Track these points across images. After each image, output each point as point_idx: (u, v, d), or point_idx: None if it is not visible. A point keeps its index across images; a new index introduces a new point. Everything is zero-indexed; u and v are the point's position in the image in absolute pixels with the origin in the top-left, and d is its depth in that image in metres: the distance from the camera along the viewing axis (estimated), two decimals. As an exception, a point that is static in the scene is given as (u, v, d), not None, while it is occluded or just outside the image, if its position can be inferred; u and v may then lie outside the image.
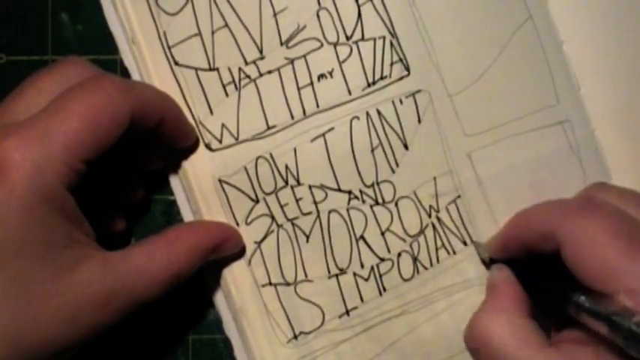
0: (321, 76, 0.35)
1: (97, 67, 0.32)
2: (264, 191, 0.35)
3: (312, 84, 0.35)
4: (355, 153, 0.35)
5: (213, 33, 0.34)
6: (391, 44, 0.35)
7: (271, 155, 0.35)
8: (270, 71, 0.34)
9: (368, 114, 0.35)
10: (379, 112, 0.35)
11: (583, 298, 0.28)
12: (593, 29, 0.36)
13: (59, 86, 0.29)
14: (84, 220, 0.28)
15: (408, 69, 0.35)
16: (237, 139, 0.35)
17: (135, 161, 0.34)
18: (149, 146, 0.33)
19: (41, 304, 0.26)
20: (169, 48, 0.34)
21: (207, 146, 0.35)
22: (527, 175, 0.36)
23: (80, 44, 0.37)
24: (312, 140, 0.35)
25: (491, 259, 0.35)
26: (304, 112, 0.35)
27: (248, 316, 0.35)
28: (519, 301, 0.31)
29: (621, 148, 0.36)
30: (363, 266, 0.35)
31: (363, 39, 0.35)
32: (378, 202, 0.35)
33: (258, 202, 0.35)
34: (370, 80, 0.35)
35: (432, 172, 0.35)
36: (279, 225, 0.35)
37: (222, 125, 0.35)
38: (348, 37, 0.35)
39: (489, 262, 0.35)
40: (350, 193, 0.35)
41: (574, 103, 0.36)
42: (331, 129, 0.35)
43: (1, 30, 0.37)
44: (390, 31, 0.35)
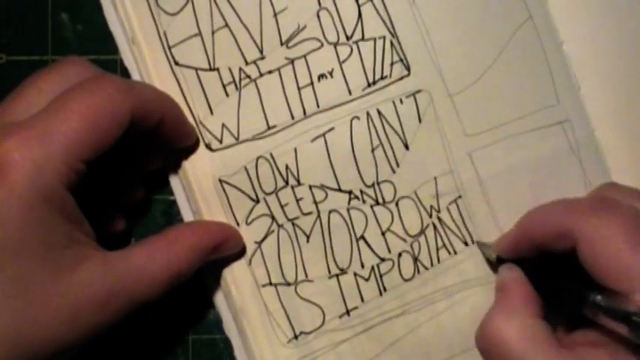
0: (322, 76, 0.35)
1: (97, 67, 0.32)
2: (264, 191, 0.35)
3: (312, 84, 0.35)
4: (355, 153, 0.35)
5: (213, 33, 0.34)
6: (391, 44, 0.35)
7: (271, 155, 0.35)
8: (271, 71, 0.34)
9: (368, 114, 0.35)
10: (379, 112, 0.35)
11: (600, 297, 0.28)
12: (593, 29, 0.36)
13: (59, 86, 0.29)
14: (84, 220, 0.28)
15: (408, 69, 0.35)
16: (238, 139, 0.35)
17: (135, 161, 0.34)
18: (149, 146, 0.33)
19: (41, 304, 0.26)
20: (169, 48, 0.34)
21: (208, 146, 0.35)
22: (528, 175, 0.36)
23: (80, 44, 0.37)
24: (313, 140, 0.35)
25: (499, 258, 0.34)
26: (304, 112, 0.35)
27: (248, 316, 0.35)
28: (531, 302, 0.31)
29: (621, 148, 0.36)
30: (363, 266, 0.35)
31: (363, 39, 0.35)
32: (378, 202, 0.35)
33: (258, 202, 0.35)
34: (370, 80, 0.35)
35: (433, 172, 0.35)
36: (279, 225, 0.35)
37: (223, 125, 0.35)
38: (348, 37, 0.35)
39: (497, 262, 0.34)
40: (350, 193, 0.35)
41: (574, 103, 0.36)
42: (331, 129, 0.35)
43: (1, 30, 0.37)
44: (391, 31, 0.35)
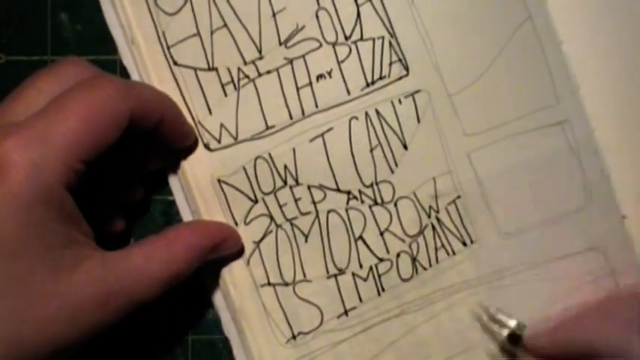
0: (320, 76, 0.35)
1: (97, 68, 0.32)
2: (262, 191, 0.35)
3: (310, 84, 0.35)
4: (354, 153, 0.35)
5: (212, 33, 0.34)
6: (390, 44, 0.35)
7: (270, 155, 0.35)
8: (269, 71, 0.34)
9: (367, 114, 0.35)
10: (378, 112, 0.35)
11: None
12: (592, 29, 0.35)
13: (58, 86, 0.29)
14: (83, 220, 0.28)
15: (407, 69, 0.35)
16: (236, 139, 0.35)
17: (134, 161, 0.34)
18: (148, 146, 0.33)
19: (41, 304, 0.26)
20: (168, 48, 0.34)
21: (206, 146, 0.35)
22: (527, 175, 0.35)
23: (79, 44, 0.37)
24: (311, 140, 0.35)
25: (513, 339, 0.34)
26: (303, 112, 0.35)
27: (247, 317, 0.35)
28: None
29: (621, 148, 0.36)
30: (361, 266, 0.35)
31: (362, 39, 0.35)
32: (377, 202, 0.35)
33: (256, 202, 0.35)
34: (369, 80, 0.35)
35: (432, 173, 0.35)
36: (277, 225, 0.35)
37: (221, 125, 0.35)
38: (347, 37, 0.35)
39: (508, 342, 0.34)
40: (349, 193, 0.35)
41: (573, 103, 0.35)
42: (330, 129, 0.35)
43: (1, 30, 0.37)
44: (389, 31, 0.35)
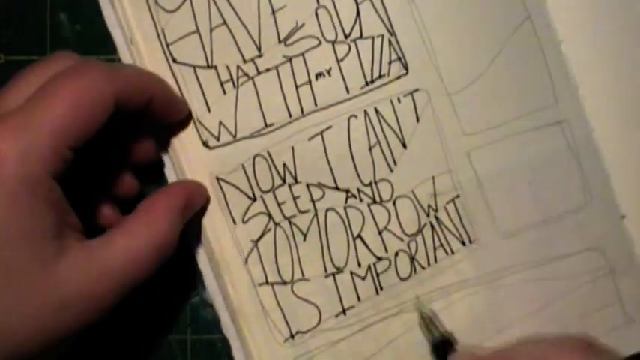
0: (319, 75, 0.35)
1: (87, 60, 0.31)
2: (261, 189, 0.35)
3: (310, 82, 0.35)
4: (353, 152, 0.35)
5: (211, 30, 0.34)
6: (390, 43, 0.35)
7: (269, 153, 0.35)
8: (268, 69, 0.34)
9: (366, 112, 0.35)
10: (377, 111, 0.35)
11: None
12: (591, 29, 0.36)
13: (47, 79, 0.29)
14: (70, 211, 0.28)
15: (406, 67, 0.35)
16: (235, 137, 0.35)
17: (123, 148, 0.33)
18: (137, 131, 0.33)
19: (28, 294, 0.26)
20: (168, 45, 0.34)
21: (205, 144, 0.35)
22: (526, 175, 0.35)
23: (79, 44, 0.37)
24: (310, 139, 0.35)
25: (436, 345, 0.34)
26: (302, 111, 0.35)
27: (245, 316, 0.35)
28: None
29: (619, 148, 0.36)
30: (360, 265, 0.35)
31: (361, 37, 0.35)
32: (375, 201, 0.35)
33: (255, 200, 0.35)
34: (368, 79, 0.35)
35: (431, 172, 0.35)
36: (276, 223, 0.35)
37: (220, 123, 0.34)
38: (346, 36, 0.35)
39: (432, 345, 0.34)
40: (348, 191, 0.35)
41: (572, 103, 0.35)
42: (329, 127, 0.35)
43: (1, 30, 0.37)
44: (389, 30, 0.35)
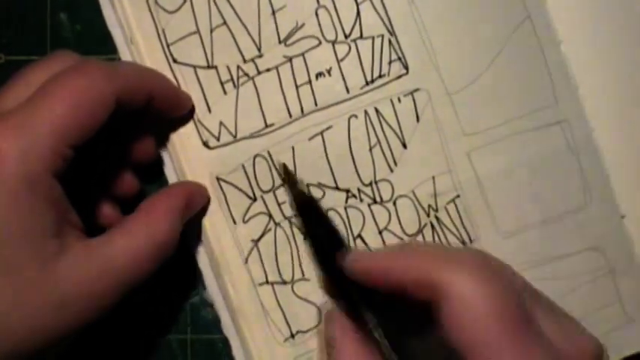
0: (320, 75, 0.35)
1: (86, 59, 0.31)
2: (261, 189, 0.35)
3: (310, 82, 0.35)
4: (353, 151, 0.35)
5: (211, 31, 0.34)
6: (390, 42, 0.35)
7: (269, 153, 0.35)
8: (269, 69, 0.34)
9: (366, 112, 0.35)
10: (377, 111, 0.35)
11: None
12: (591, 29, 0.36)
13: (47, 78, 0.29)
14: (71, 209, 0.28)
15: (406, 67, 0.35)
16: (235, 137, 0.35)
17: (124, 147, 0.33)
18: (137, 129, 0.33)
19: (28, 293, 0.26)
20: (168, 46, 0.34)
21: (205, 144, 0.35)
22: (526, 175, 0.35)
23: (79, 44, 0.37)
24: (310, 139, 0.35)
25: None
26: (302, 111, 0.35)
27: (245, 316, 0.35)
28: None
29: (619, 148, 0.36)
30: (360, 265, 0.35)
31: (361, 37, 0.35)
32: (376, 201, 0.35)
33: (255, 200, 0.35)
34: (368, 79, 0.35)
35: (431, 172, 0.35)
36: (276, 223, 0.35)
37: (220, 123, 0.34)
38: (346, 36, 0.35)
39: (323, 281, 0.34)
40: (348, 191, 0.35)
41: (572, 103, 0.35)
42: (329, 127, 0.35)
43: (1, 30, 0.37)
44: (389, 30, 0.35)
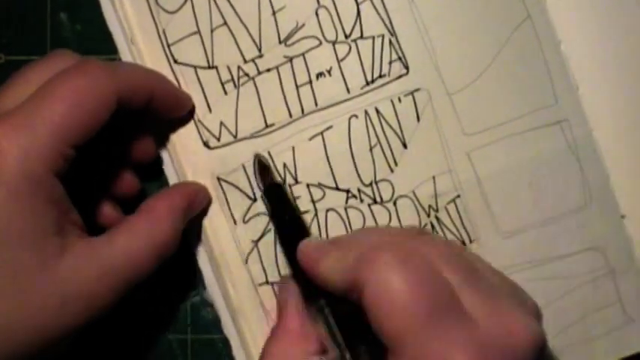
0: (320, 75, 0.35)
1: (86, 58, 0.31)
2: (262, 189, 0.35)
3: (310, 82, 0.35)
4: (353, 152, 0.35)
5: (212, 31, 0.34)
6: (390, 43, 0.35)
7: (269, 153, 0.35)
8: (269, 69, 0.34)
9: (366, 112, 0.35)
10: (378, 111, 0.35)
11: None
12: (591, 29, 0.36)
13: (47, 77, 0.29)
14: (72, 208, 0.28)
15: (406, 67, 0.35)
16: (236, 137, 0.35)
17: (125, 146, 0.33)
18: (138, 129, 0.33)
19: (29, 292, 0.26)
20: (168, 46, 0.34)
21: (206, 144, 0.35)
22: (526, 175, 0.35)
23: (79, 44, 0.37)
24: (311, 139, 0.35)
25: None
26: (302, 111, 0.35)
27: (245, 316, 0.35)
28: (304, 337, 0.31)
29: (619, 147, 0.36)
30: (361, 265, 0.35)
31: (361, 37, 0.35)
32: (376, 201, 0.35)
33: (255, 200, 0.35)
34: (369, 79, 0.35)
35: (431, 172, 0.35)
36: (276, 223, 0.35)
37: (221, 123, 0.35)
38: (346, 36, 0.35)
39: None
40: (348, 192, 0.35)
41: (572, 102, 0.35)
42: (329, 127, 0.35)
43: (1, 30, 0.37)
44: (389, 30, 0.35)
